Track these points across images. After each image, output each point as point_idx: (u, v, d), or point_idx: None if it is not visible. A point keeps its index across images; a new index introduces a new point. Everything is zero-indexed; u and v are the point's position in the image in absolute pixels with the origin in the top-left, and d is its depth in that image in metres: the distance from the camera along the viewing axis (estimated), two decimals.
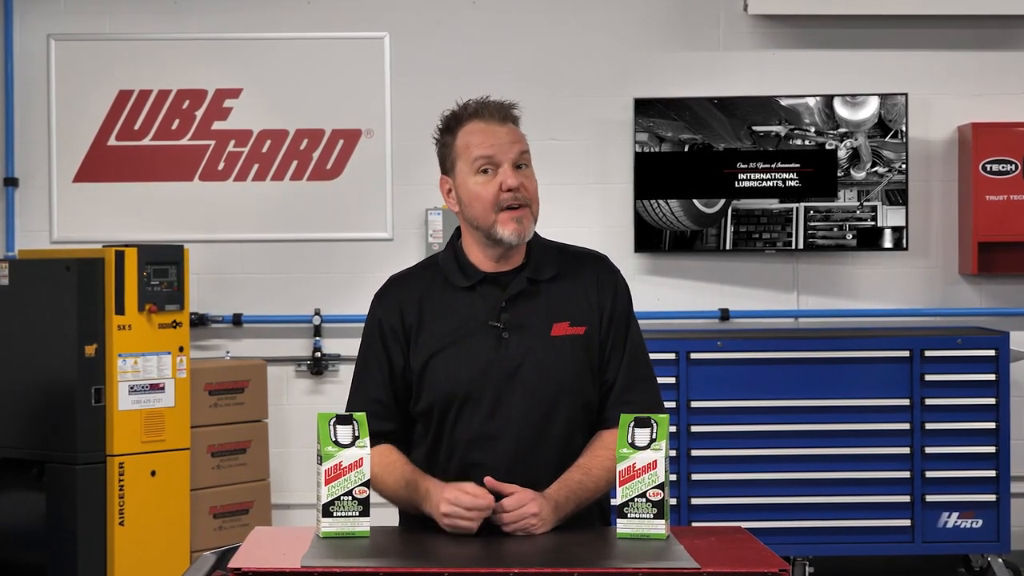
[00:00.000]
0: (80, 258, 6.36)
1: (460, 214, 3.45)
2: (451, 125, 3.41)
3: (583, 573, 2.89)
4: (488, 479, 3.23)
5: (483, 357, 3.35)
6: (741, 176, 7.32)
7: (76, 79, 7.48)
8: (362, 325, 3.52)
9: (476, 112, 3.39)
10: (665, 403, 3.52)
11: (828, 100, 7.30)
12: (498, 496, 3.23)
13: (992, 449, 6.85)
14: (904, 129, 7.29)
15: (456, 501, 3.18)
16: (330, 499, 3.12)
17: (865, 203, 7.31)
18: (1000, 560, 6.91)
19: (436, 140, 3.45)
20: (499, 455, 3.33)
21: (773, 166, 7.31)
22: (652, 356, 3.53)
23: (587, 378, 3.41)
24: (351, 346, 3.58)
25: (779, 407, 6.83)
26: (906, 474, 6.84)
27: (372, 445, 3.19)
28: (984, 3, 7.33)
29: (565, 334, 3.39)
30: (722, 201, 7.33)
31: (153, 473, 6.42)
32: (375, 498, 3.20)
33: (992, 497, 6.86)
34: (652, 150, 7.31)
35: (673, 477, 6.67)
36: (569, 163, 7.41)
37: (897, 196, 7.31)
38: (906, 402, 6.83)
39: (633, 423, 3.15)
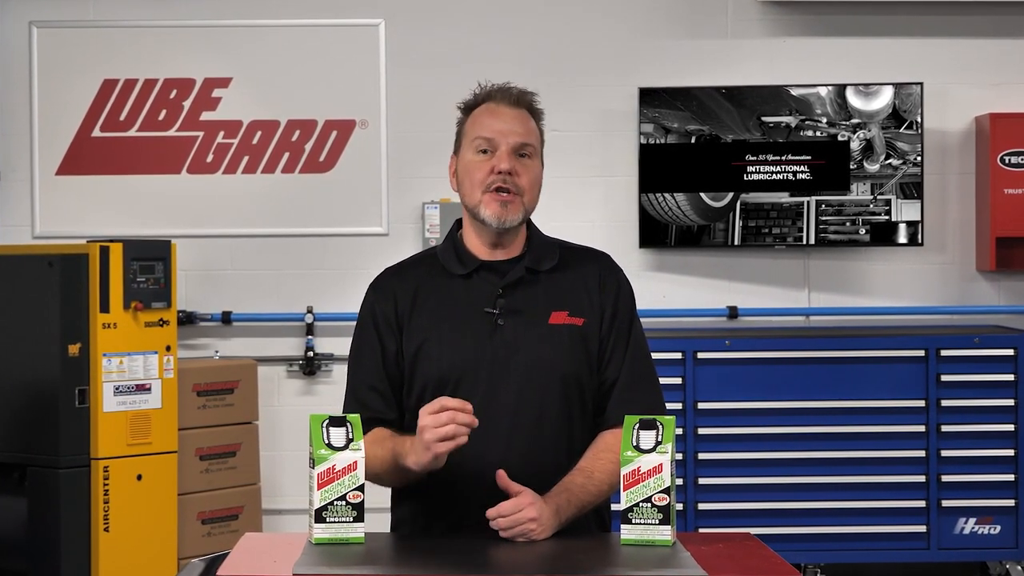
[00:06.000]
0: (63, 254, 6.31)
1: (459, 194, 3.49)
2: (469, 105, 3.47)
3: None
4: (500, 473, 3.20)
5: (477, 342, 3.35)
6: (750, 168, 7.26)
7: (59, 68, 7.42)
8: (355, 326, 3.52)
9: (491, 95, 3.45)
10: (671, 404, 3.61)
11: (840, 90, 7.25)
12: (504, 496, 3.20)
13: (1011, 452, 6.80)
14: (919, 120, 7.24)
15: (442, 405, 3.11)
16: (323, 504, 3.07)
17: (879, 197, 7.25)
18: (1019, 567, 6.88)
19: (458, 121, 3.50)
20: (493, 443, 3.29)
21: (783, 158, 7.25)
22: (657, 355, 3.53)
23: (584, 368, 3.39)
24: (345, 345, 3.50)
25: (789, 408, 6.78)
26: (921, 478, 6.78)
27: (371, 429, 3.25)
28: None
29: (563, 323, 3.38)
30: (730, 195, 7.28)
31: (139, 477, 6.36)
32: (370, 503, 3.12)
33: (1011, 502, 6.81)
34: (657, 141, 7.25)
35: (679, 481, 6.63)
36: (571, 155, 7.35)
37: (912, 189, 7.26)
38: (921, 403, 6.78)
39: (638, 425, 3.11)
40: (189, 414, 6.68)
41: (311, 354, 7.35)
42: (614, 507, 3.28)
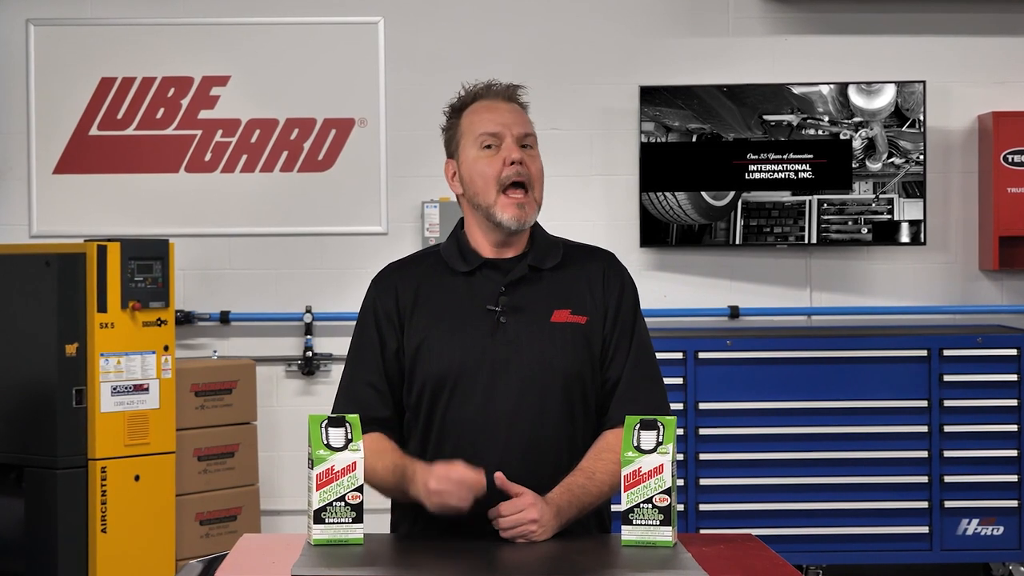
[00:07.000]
0: (60, 253, 6.28)
1: (463, 198, 3.46)
2: (457, 108, 3.46)
3: None
4: (499, 475, 3.18)
5: (478, 340, 3.33)
6: (751, 167, 7.23)
7: (56, 66, 7.38)
8: (355, 323, 3.51)
9: (481, 93, 3.44)
10: (672, 404, 3.49)
11: (843, 88, 7.21)
12: (504, 496, 3.19)
13: (1014, 453, 6.77)
14: (922, 118, 7.21)
15: (447, 474, 3.16)
16: (322, 505, 3.07)
17: (881, 196, 7.21)
18: (1022, 569, 6.85)
19: (443, 128, 3.49)
20: (493, 442, 3.28)
21: (785, 157, 7.22)
22: (658, 355, 3.50)
23: (586, 367, 3.37)
24: (344, 345, 3.48)
25: (791, 408, 6.76)
26: (924, 479, 6.76)
27: (365, 432, 3.21)
28: None
29: (565, 321, 3.37)
30: (731, 194, 7.24)
31: (137, 478, 6.33)
32: (369, 504, 3.12)
33: (1014, 503, 6.79)
34: (658, 140, 7.22)
35: (680, 482, 6.60)
36: (572, 154, 7.32)
37: (914, 188, 7.22)
38: (924, 404, 6.75)
39: (639, 425, 3.10)
40: (187, 414, 6.65)
41: (310, 354, 7.31)
42: (614, 508, 3.26)
